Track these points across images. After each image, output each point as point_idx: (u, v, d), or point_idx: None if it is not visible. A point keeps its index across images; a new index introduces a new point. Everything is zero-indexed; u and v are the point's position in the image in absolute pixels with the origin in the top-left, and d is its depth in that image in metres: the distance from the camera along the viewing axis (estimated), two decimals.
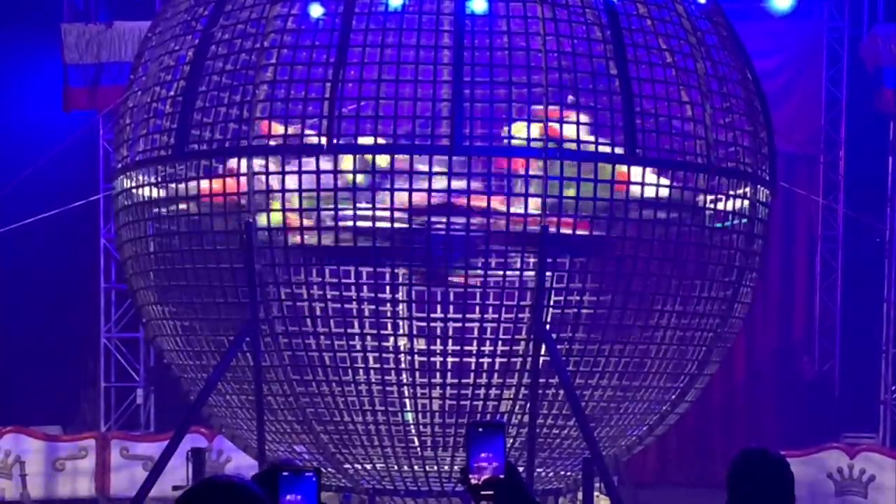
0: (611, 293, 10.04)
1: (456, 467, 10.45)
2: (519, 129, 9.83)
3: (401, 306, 10.49)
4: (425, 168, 9.55)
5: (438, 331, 10.64)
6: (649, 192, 9.90)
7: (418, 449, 10.71)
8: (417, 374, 10.53)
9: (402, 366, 10.47)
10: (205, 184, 9.95)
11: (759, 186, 10.65)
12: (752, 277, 10.93)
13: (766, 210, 10.90)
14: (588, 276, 10.35)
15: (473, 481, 4.15)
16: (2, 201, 14.98)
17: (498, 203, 9.72)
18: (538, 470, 10.49)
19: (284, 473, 3.71)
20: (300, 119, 9.82)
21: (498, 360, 10.49)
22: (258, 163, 9.73)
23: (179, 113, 10.04)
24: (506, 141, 9.93)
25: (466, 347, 10.38)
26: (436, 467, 10.54)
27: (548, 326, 10.12)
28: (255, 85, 9.82)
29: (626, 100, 9.71)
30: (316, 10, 10.02)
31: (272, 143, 9.87)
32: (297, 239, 9.81)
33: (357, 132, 9.72)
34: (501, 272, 10.09)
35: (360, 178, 9.63)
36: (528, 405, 10.09)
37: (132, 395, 18.69)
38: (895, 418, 17.88)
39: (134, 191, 10.49)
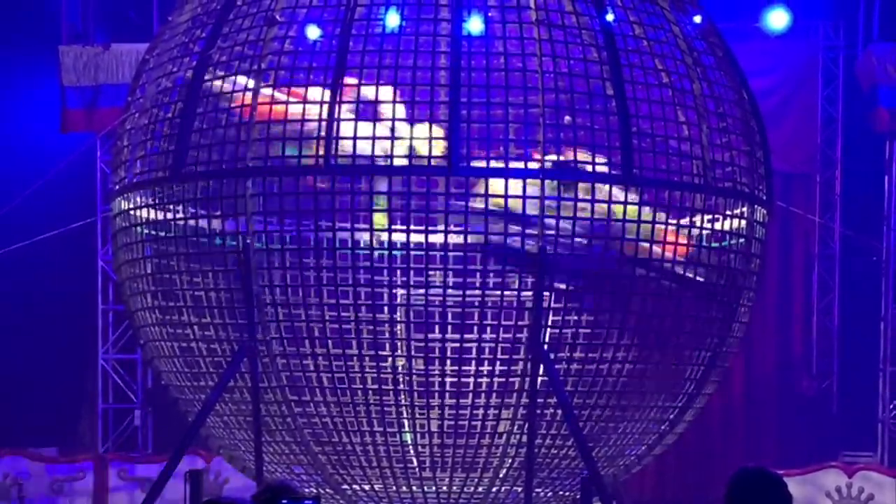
0: (608, 313, 10.06)
1: (455, 488, 10.45)
2: None
3: (399, 326, 10.49)
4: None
5: (437, 351, 10.64)
6: (646, 213, 9.92)
7: (417, 469, 10.69)
8: (416, 394, 10.52)
9: (401, 386, 10.46)
10: (202, 205, 9.96)
11: (755, 206, 10.67)
12: (750, 297, 10.93)
13: (763, 229, 10.92)
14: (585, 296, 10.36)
15: None
16: None
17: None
18: (537, 490, 10.47)
19: (284, 501, 3.71)
20: (297, 140, 9.84)
21: (496, 380, 10.49)
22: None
23: (177, 134, 10.06)
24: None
25: (465, 367, 10.38)
26: (434, 488, 10.53)
27: (546, 346, 10.13)
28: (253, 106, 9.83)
29: (622, 120, 9.74)
30: (313, 32, 10.05)
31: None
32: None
33: (355, 153, 9.75)
34: (499, 292, 10.10)
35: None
36: (527, 425, 10.08)
37: (130, 416, 18.63)
38: (893, 437, 17.83)
39: (131, 212, 10.50)
